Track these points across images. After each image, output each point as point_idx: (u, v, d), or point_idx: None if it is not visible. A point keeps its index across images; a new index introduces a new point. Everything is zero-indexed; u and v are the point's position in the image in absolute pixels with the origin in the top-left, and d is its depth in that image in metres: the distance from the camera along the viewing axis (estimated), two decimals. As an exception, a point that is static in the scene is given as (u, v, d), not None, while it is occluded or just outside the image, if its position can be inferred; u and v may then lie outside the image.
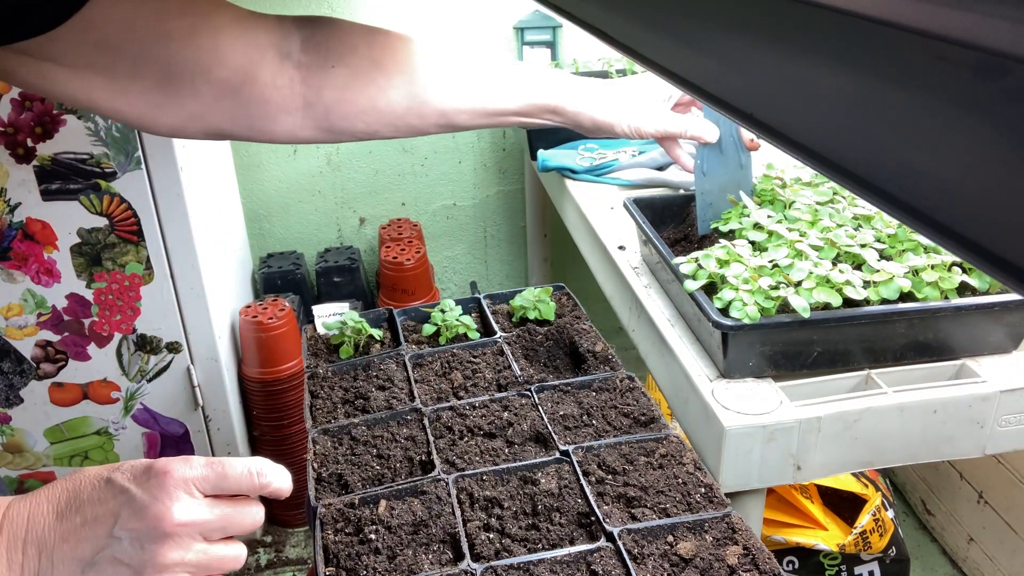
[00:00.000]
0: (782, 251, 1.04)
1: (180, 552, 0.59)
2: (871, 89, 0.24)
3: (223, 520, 0.62)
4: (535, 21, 2.13)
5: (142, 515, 0.58)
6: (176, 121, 0.79)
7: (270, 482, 0.64)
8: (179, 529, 0.59)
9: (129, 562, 0.58)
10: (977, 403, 0.97)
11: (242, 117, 0.81)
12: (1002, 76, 0.19)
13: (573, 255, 1.84)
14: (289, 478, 0.66)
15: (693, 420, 1.04)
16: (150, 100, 0.77)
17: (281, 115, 0.82)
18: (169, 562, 0.59)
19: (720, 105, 0.32)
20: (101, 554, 0.58)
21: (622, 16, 0.44)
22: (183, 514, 0.59)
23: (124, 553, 0.58)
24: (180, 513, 0.59)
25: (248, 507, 0.64)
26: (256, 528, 0.66)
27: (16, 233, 1.61)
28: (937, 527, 1.95)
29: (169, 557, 0.59)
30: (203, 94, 0.78)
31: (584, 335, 1.21)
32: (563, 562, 0.82)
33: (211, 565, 0.61)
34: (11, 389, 1.75)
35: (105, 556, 0.58)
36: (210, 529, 0.61)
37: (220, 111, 0.80)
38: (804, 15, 0.26)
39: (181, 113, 0.79)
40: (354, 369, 1.18)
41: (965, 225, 0.21)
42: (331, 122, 0.85)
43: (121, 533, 0.58)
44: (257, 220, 2.30)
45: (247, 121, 0.81)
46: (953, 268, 1.00)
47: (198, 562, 0.61)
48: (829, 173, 0.27)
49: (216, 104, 0.79)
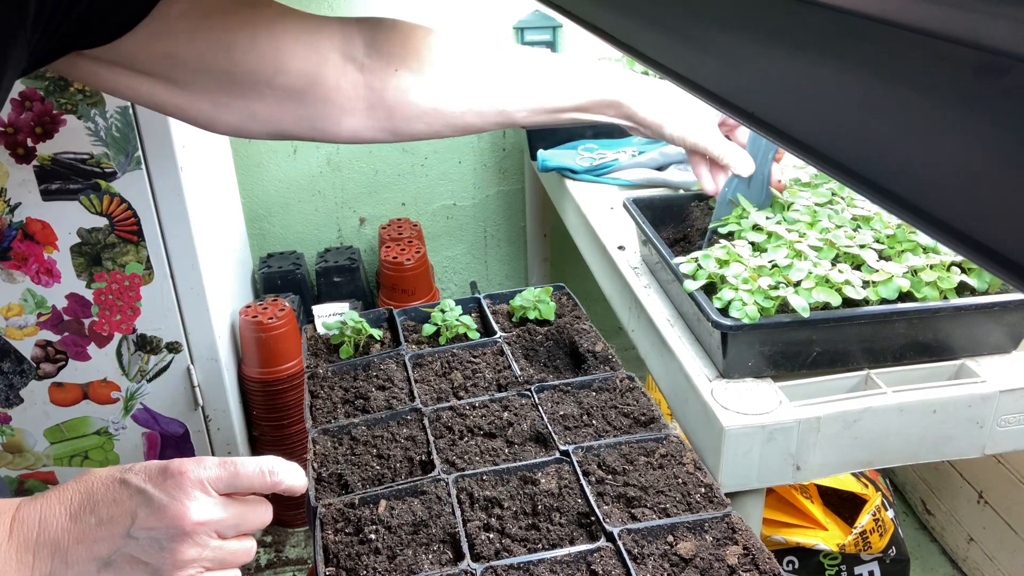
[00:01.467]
0: (781, 251, 1.04)
1: (198, 550, 0.61)
2: (871, 87, 0.24)
3: (237, 518, 0.64)
4: (535, 21, 2.13)
5: (161, 515, 0.60)
6: (238, 121, 0.81)
7: (281, 480, 0.66)
8: (197, 528, 0.61)
9: (148, 560, 0.60)
10: (977, 403, 0.98)
11: (306, 119, 0.83)
12: (1002, 75, 0.20)
13: (573, 255, 1.84)
14: (302, 475, 0.68)
15: (693, 420, 1.04)
16: (215, 101, 0.79)
17: (345, 117, 0.84)
18: (188, 559, 0.61)
19: (720, 103, 0.32)
20: (118, 553, 0.60)
21: (622, 14, 0.44)
22: (200, 513, 0.61)
23: (143, 552, 0.60)
24: (198, 513, 0.61)
25: (259, 505, 0.66)
26: (265, 525, 0.67)
27: (16, 233, 1.61)
28: (937, 527, 1.95)
29: (188, 554, 0.61)
30: (267, 97, 0.80)
31: (584, 335, 1.21)
32: (563, 562, 0.82)
33: (226, 560, 0.64)
34: (11, 389, 1.75)
35: (123, 555, 0.60)
36: (225, 527, 0.63)
37: (284, 113, 0.82)
38: (804, 14, 0.26)
39: (244, 113, 0.81)
40: (354, 369, 1.18)
41: (966, 222, 0.21)
42: (393, 123, 0.86)
43: (139, 533, 0.60)
44: (257, 220, 2.30)
45: (310, 122, 0.83)
46: (952, 268, 1.00)
47: (214, 558, 0.63)
48: (829, 171, 0.27)
49: (280, 107, 0.81)
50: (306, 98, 0.81)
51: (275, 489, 0.66)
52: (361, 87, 0.83)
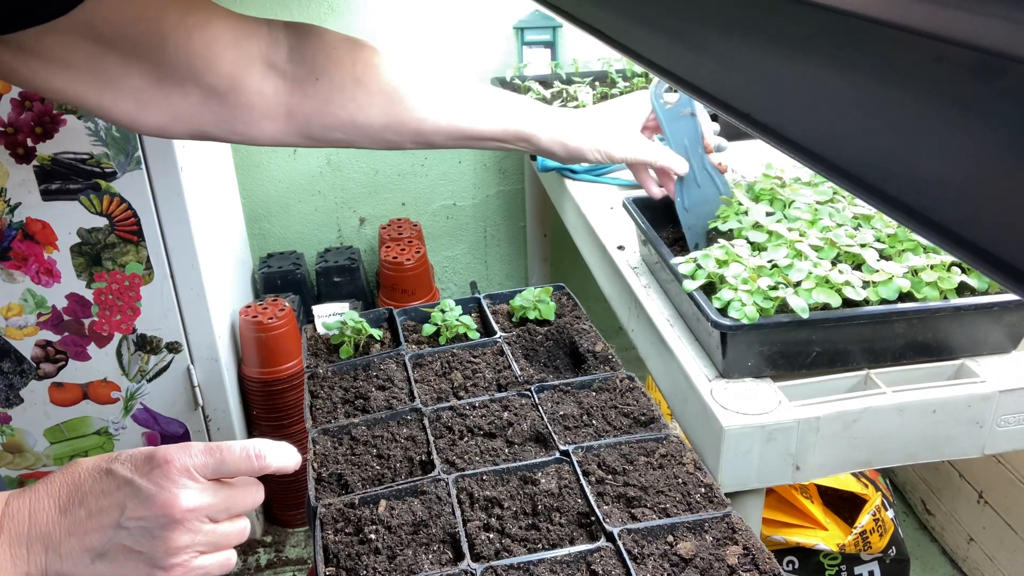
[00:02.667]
0: (781, 251, 1.04)
1: (190, 536, 0.62)
2: (869, 89, 0.24)
3: (227, 501, 0.65)
4: (535, 21, 2.13)
5: (149, 504, 0.61)
6: (161, 121, 0.80)
7: (269, 463, 0.66)
8: (187, 515, 0.62)
9: (141, 549, 0.61)
10: (976, 403, 0.98)
11: (226, 121, 0.83)
12: (1000, 76, 0.20)
13: (573, 255, 1.84)
14: (293, 453, 0.69)
15: (692, 420, 1.04)
16: (138, 99, 0.78)
17: (265, 121, 0.85)
18: (181, 545, 0.62)
19: (718, 105, 0.32)
20: (110, 543, 0.60)
21: (621, 16, 0.44)
22: (189, 500, 0.62)
23: (135, 541, 0.60)
24: (187, 500, 0.62)
25: (249, 487, 0.67)
26: (257, 505, 0.68)
27: (16, 233, 1.61)
28: (937, 527, 1.95)
29: (181, 541, 0.62)
30: (191, 96, 0.80)
31: (584, 335, 1.21)
32: (563, 562, 0.82)
33: (219, 543, 0.65)
34: (11, 389, 1.75)
35: (115, 545, 0.60)
36: (216, 511, 0.64)
37: (206, 114, 0.81)
38: (802, 15, 0.26)
39: (167, 113, 0.80)
40: (354, 369, 1.18)
41: (962, 225, 0.21)
42: (311, 131, 0.87)
43: (129, 523, 0.60)
44: (257, 220, 2.30)
45: (230, 125, 0.84)
46: (952, 268, 1.00)
47: (207, 542, 0.64)
48: (826, 173, 0.27)
49: (203, 107, 0.81)
50: (228, 100, 0.81)
51: (264, 471, 0.66)
52: (283, 93, 0.84)
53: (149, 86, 0.77)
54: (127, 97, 0.77)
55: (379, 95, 0.87)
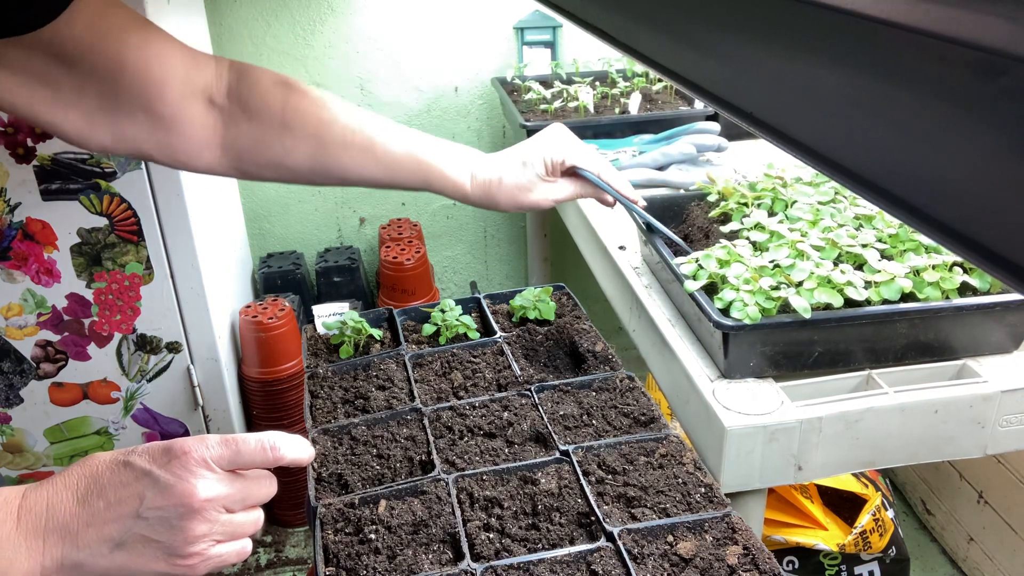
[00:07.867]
0: (783, 251, 1.04)
1: (208, 525, 0.64)
2: (870, 88, 0.24)
3: (243, 492, 0.66)
4: (535, 21, 2.13)
5: (168, 495, 0.62)
6: (108, 141, 0.84)
7: (283, 455, 0.68)
8: (205, 505, 0.63)
9: (160, 539, 0.63)
10: (978, 403, 0.97)
11: (168, 147, 0.87)
12: (1000, 75, 0.19)
13: (573, 255, 1.84)
14: (306, 446, 0.71)
15: (694, 420, 1.04)
16: (89, 118, 0.81)
17: (204, 151, 0.89)
18: (199, 534, 0.64)
19: (720, 103, 0.32)
20: (129, 533, 0.62)
21: (623, 15, 0.44)
22: (207, 490, 0.64)
23: (153, 531, 0.62)
24: (204, 490, 0.63)
25: (263, 478, 0.69)
26: (271, 497, 0.70)
27: (16, 233, 1.61)
28: (937, 527, 1.95)
29: (199, 530, 0.63)
30: (139, 121, 0.83)
31: (584, 335, 1.21)
32: (563, 562, 0.82)
33: (235, 532, 0.67)
34: (11, 389, 1.75)
35: (134, 535, 0.62)
36: (232, 501, 0.66)
37: (151, 139, 0.85)
38: (804, 14, 0.26)
39: (114, 134, 0.83)
40: (354, 369, 1.17)
41: (964, 223, 0.21)
42: (244, 166, 0.91)
43: (148, 513, 0.62)
44: (257, 220, 2.30)
45: (171, 151, 0.87)
46: (954, 268, 1.00)
47: (224, 531, 0.65)
48: (828, 171, 0.27)
49: (150, 132, 0.84)
50: (173, 128, 0.85)
51: (278, 463, 0.68)
52: (220, 127, 0.88)
53: (101, 107, 0.80)
54: (78, 115, 0.80)
55: (304, 142, 0.90)
